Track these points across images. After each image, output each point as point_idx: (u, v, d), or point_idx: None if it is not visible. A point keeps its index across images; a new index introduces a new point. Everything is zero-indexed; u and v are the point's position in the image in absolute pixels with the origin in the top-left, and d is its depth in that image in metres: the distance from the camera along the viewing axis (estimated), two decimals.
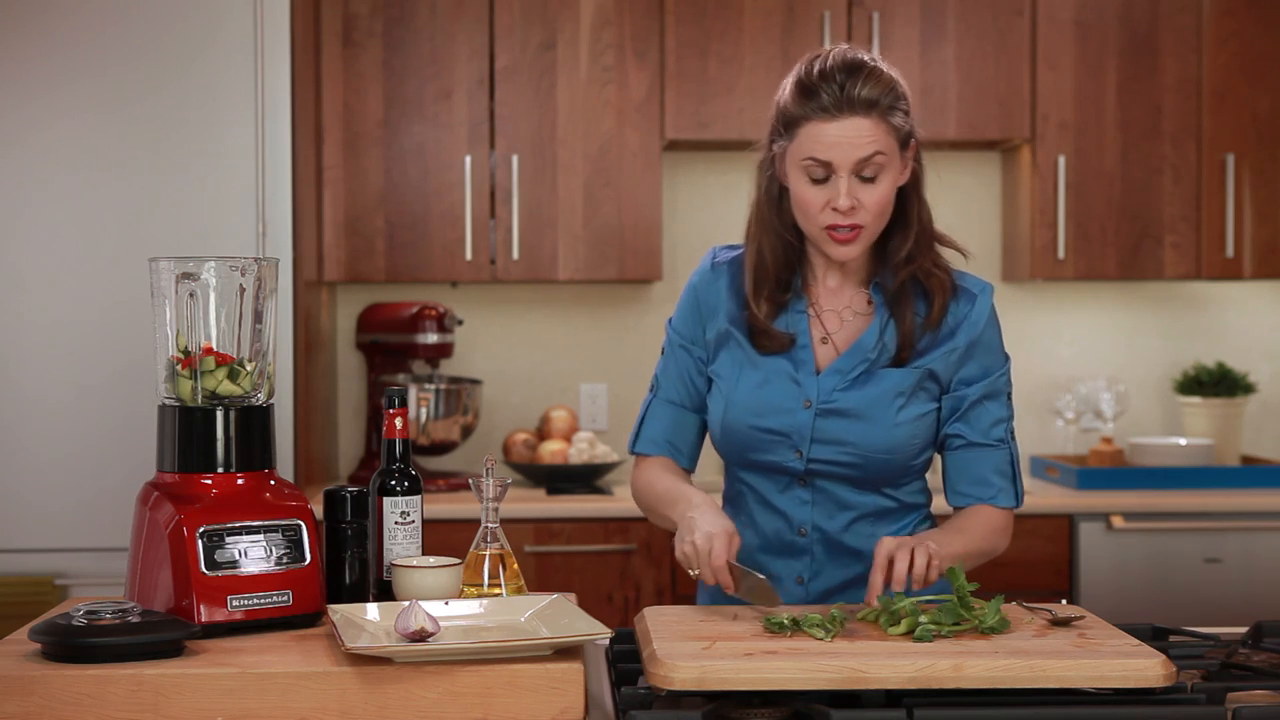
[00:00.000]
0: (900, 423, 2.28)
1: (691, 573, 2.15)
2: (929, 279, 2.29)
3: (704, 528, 2.14)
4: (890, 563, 2.09)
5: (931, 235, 2.31)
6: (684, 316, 2.41)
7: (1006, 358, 2.35)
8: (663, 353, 2.44)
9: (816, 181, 2.21)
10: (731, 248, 2.41)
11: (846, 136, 2.18)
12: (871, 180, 2.20)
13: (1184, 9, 4.21)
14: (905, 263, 2.29)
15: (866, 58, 2.22)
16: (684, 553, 2.15)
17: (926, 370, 2.29)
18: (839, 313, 2.33)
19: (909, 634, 1.95)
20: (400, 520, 2.22)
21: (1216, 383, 4.37)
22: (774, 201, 2.31)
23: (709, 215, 4.46)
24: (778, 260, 2.32)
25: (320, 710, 1.84)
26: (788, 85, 2.25)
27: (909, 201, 2.29)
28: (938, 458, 2.38)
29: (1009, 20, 4.20)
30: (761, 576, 2.09)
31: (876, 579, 2.08)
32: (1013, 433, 2.34)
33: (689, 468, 2.43)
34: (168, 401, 2.15)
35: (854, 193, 2.20)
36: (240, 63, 3.75)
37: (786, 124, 2.23)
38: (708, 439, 2.43)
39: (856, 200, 2.20)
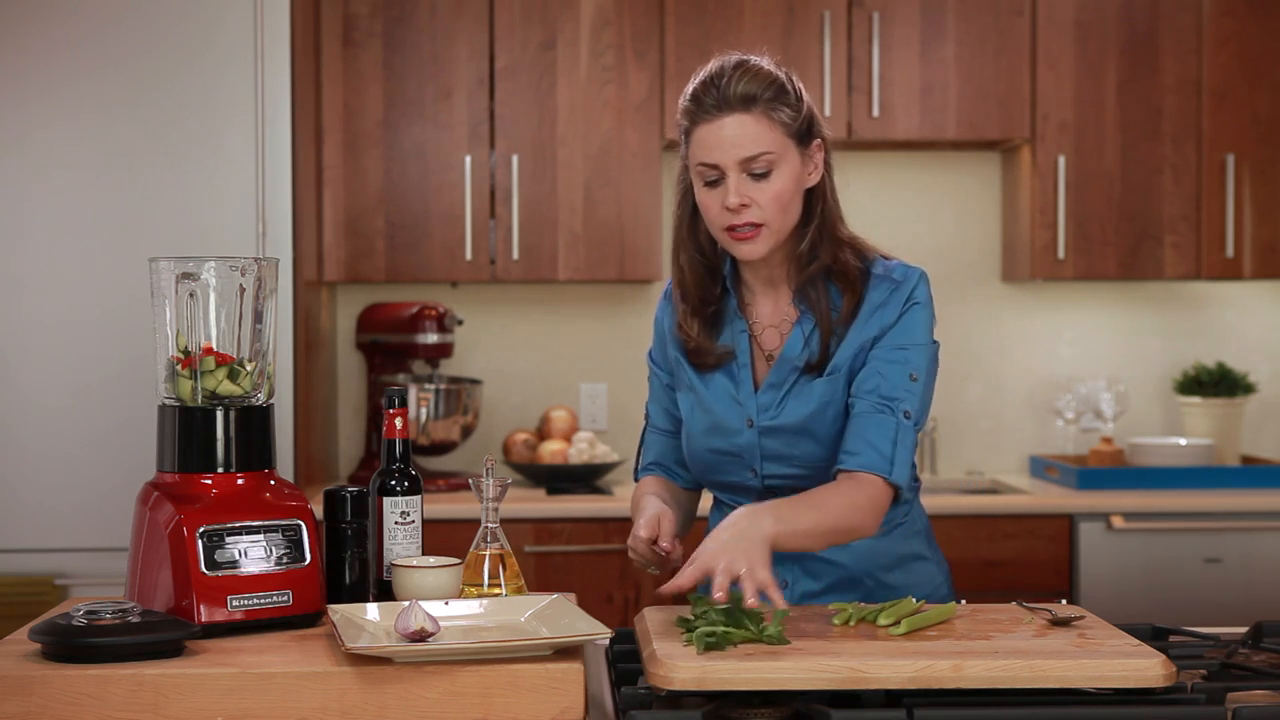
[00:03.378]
0: (838, 433, 2.25)
1: (650, 571, 2.23)
2: (832, 275, 2.25)
3: (635, 530, 2.21)
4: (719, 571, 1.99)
5: (835, 232, 2.26)
6: (656, 346, 2.45)
7: (931, 344, 2.25)
8: (649, 383, 2.47)
9: (710, 185, 2.21)
10: None
11: (728, 135, 2.17)
12: (764, 177, 2.18)
13: (1184, 9, 4.21)
14: (809, 261, 2.26)
15: (751, 58, 2.21)
16: (631, 557, 2.24)
17: (845, 372, 2.24)
18: (777, 327, 2.31)
19: (908, 634, 1.95)
20: (400, 520, 2.22)
21: (1216, 383, 4.37)
22: (688, 218, 2.32)
23: None
24: (696, 276, 2.32)
25: (320, 710, 1.84)
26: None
27: (812, 199, 2.26)
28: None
29: (1009, 20, 4.20)
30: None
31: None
32: (909, 414, 2.19)
33: (688, 485, 2.45)
34: (168, 401, 2.15)
35: (744, 190, 2.18)
36: (240, 63, 3.75)
37: (683, 135, 2.24)
38: None
39: (749, 198, 2.18)
